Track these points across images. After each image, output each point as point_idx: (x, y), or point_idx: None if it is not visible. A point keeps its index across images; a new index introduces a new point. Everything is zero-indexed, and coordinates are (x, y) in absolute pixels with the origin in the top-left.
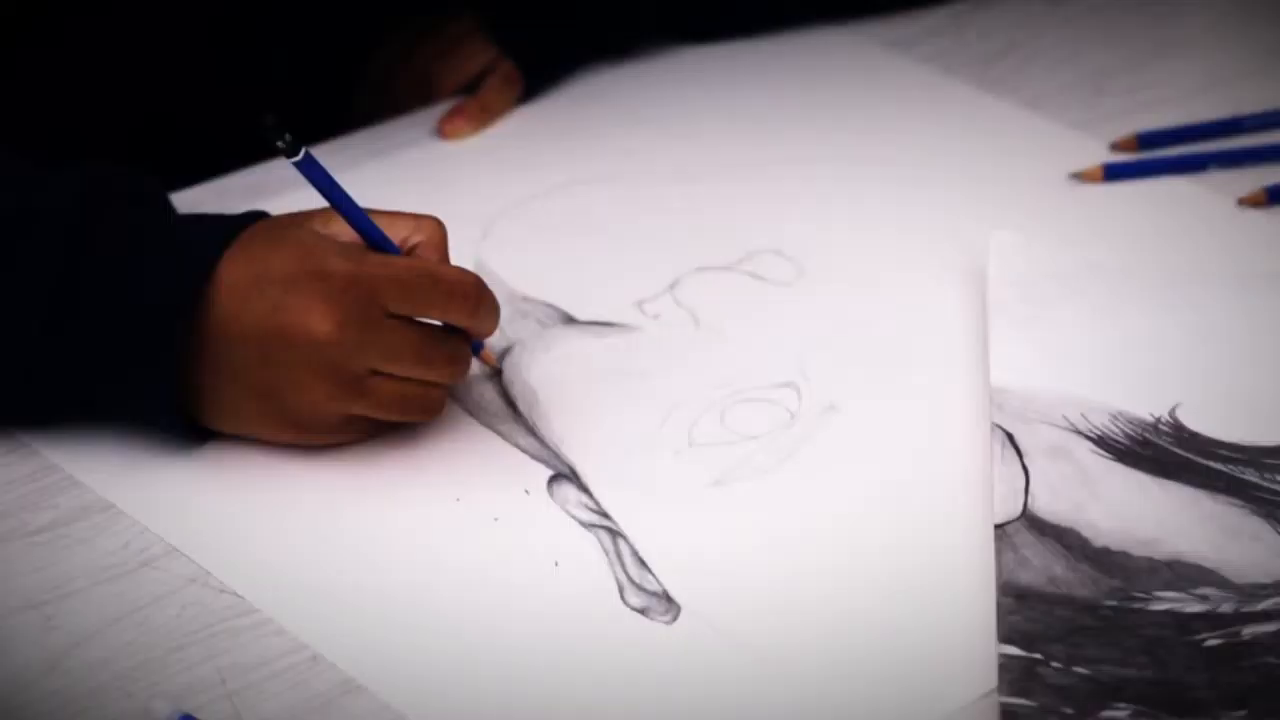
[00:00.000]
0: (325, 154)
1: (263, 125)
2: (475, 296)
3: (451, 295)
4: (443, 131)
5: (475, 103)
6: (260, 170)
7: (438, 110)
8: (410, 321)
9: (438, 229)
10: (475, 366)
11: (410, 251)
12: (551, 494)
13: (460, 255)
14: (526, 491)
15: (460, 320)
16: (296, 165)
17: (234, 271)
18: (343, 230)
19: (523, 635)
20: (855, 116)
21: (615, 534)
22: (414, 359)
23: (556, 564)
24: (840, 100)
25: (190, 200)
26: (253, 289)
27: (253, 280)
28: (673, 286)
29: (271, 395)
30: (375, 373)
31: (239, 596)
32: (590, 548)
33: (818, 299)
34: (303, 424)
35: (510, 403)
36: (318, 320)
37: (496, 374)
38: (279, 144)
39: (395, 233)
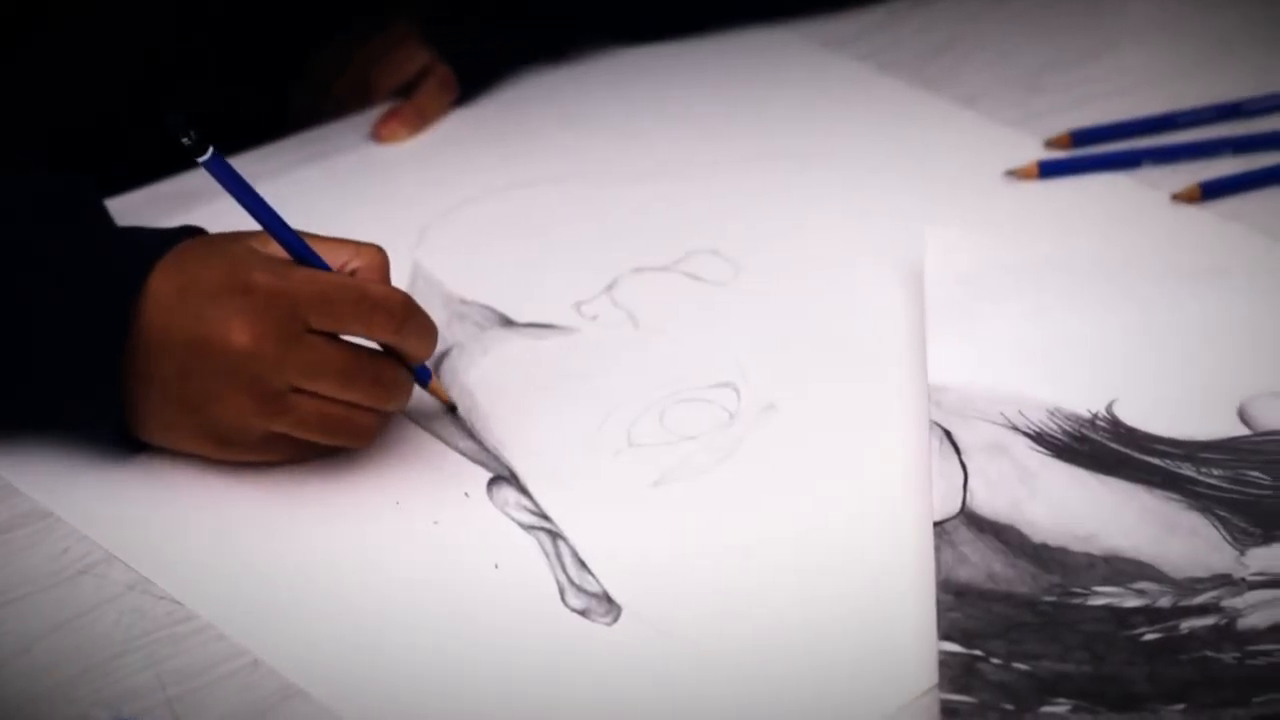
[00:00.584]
0: (261, 158)
1: (169, 122)
2: (401, 313)
3: (375, 311)
4: (378, 135)
5: (411, 106)
6: (198, 175)
7: (374, 114)
8: (335, 339)
9: (378, 255)
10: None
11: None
12: (491, 497)
13: (397, 259)
14: (466, 494)
15: (385, 337)
16: (205, 165)
17: (162, 283)
18: (280, 250)
19: (464, 638)
20: (792, 115)
21: (555, 536)
22: (336, 377)
23: (497, 566)
24: (777, 99)
25: (126, 206)
26: (178, 301)
27: (179, 292)
28: (610, 287)
29: (194, 408)
30: (297, 390)
31: (178, 603)
32: (530, 550)
33: (756, 298)
34: (224, 439)
35: (450, 407)
36: (236, 332)
37: (451, 410)
38: (184, 140)
39: (334, 259)
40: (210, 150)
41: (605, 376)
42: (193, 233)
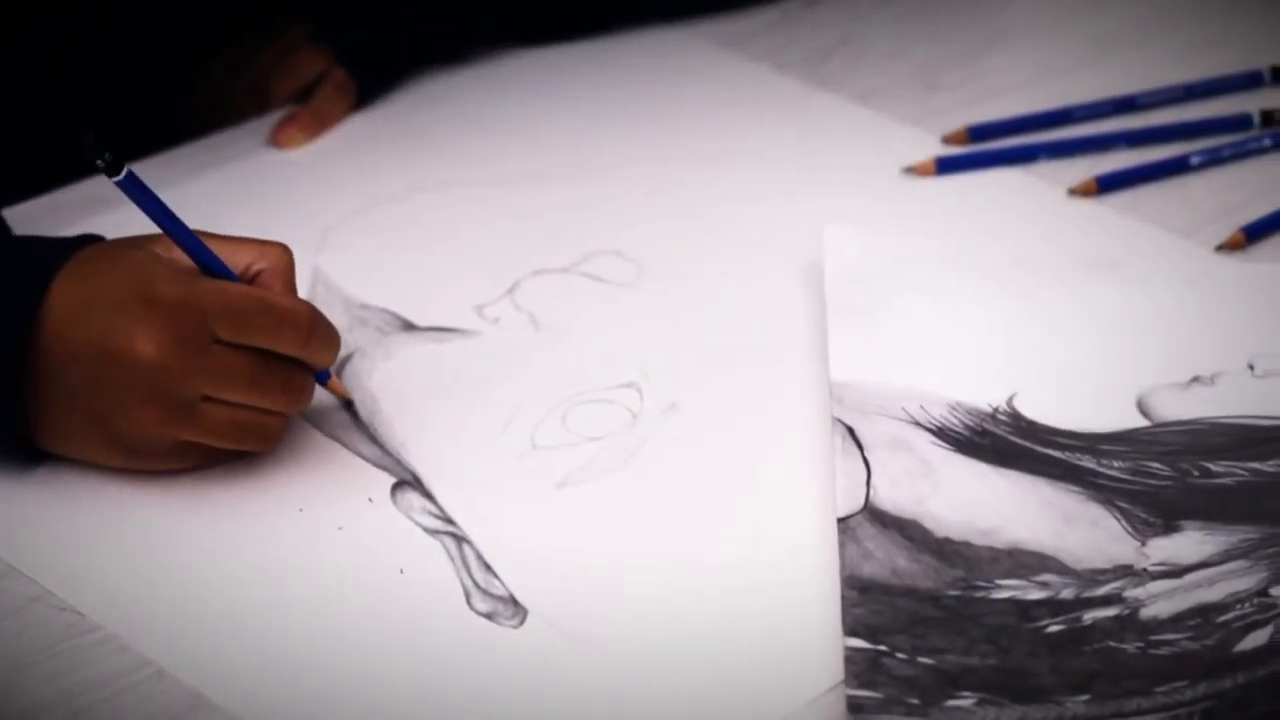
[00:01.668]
0: (158, 166)
1: (82, 143)
2: (307, 326)
3: (282, 323)
4: (275, 141)
5: (308, 111)
6: (98, 182)
7: (272, 119)
8: (242, 348)
9: (283, 255)
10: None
11: (254, 279)
12: (395, 502)
13: (298, 265)
14: (370, 500)
15: (291, 349)
16: (119, 185)
17: (66, 294)
18: (183, 256)
19: (370, 644)
20: (690, 115)
21: (460, 540)
22: (245, 385)
23: (402, 572)
24: (675, 99)
25: (24, 215)
26: (82, 312)
27: (83, 303)
28: (512, 290)
29: (101, 419)
30: (207, 399)
31: (81, 615)
32: (435, 554)
33: (657, 298)
34: (133, 449)
35: (351, 411)
36: (143, 344)
37: (348, 405)
38: (99, 163)
39: (239, 259)
40: (125, 170)
41: (508, 379)
42: (92, 240)
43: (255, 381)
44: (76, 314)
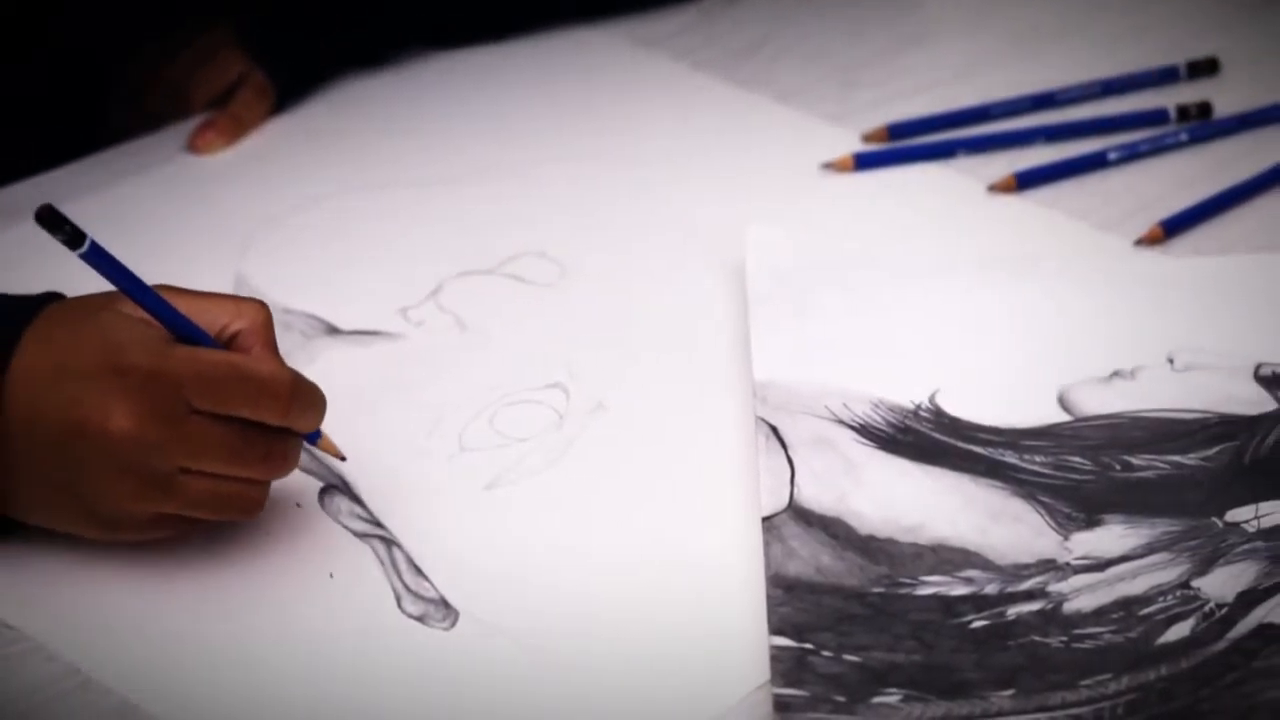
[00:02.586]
0: (76, 172)
1: (40, 217)
2: (287, 395)
3: (261, 393)
4: (194, 146)
5: (227, 115)
6: (26, 189)
7: (191, 124)
8: (219, 418)
9: (260, 313)
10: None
11: (230, 340)
12: (323, 506)
13: (220, 270)
14: (298, 505)
15: (272, 419)
16: (82, 257)
17: (31, 360)
18: (160, 328)
19: (301, 649)
20: (611, 115)
21: (389, 543)
22: (224, 457)
23: (331, 576)
24: (595, 100)
25: None
26: (50, 381)
27: (51, 372)
28: (436, 292)
29: (75, 493)
30: (185, 471)
31: (7, 625)
32: (365, 558)
33: (581, 299)
34: (111, 523)
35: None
36: (117, 418)
37: (342, 460)
38: (59, 237)
39: (214, 318)
40: (89, 241)
41: (434, 382)
42: (55, 298)
43: (235, 453)
44: (44, 383)
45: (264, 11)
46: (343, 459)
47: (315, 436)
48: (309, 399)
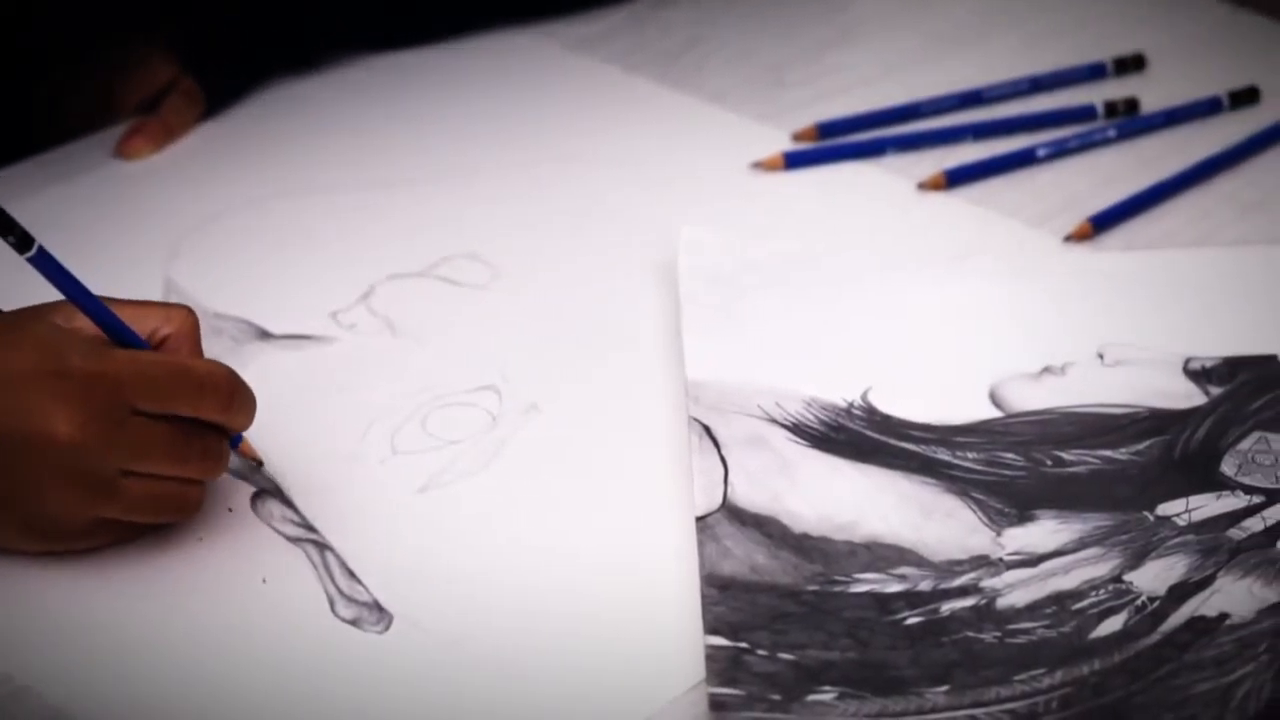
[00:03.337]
0: (3, 179)
1: None
2: (228, 391)
3: (203, 390)
4: (122, 152)
5: (155, 121)
6: None
7: (119, 130)
8: (160, 418)
9: (188, 318)
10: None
11: (160, 344)
12: (256, 511)
13: (149, 276)
14: (230, 510)
15: (213, 415)
16: (30, 261)
17: None
18: (87, 324)
19: (235, 654)
20: (542, 118)
21: (322, 547)
22: (166, 457)
23: (264, 581)
24: (526, 102)
25: None
26: None
27: None
28: (367, 295)
29: (13, 504)
30: (126, 473)
31: None
32: (298, 562)
33: (514, 301)
34: (50, 532)
35: (258, 463)
36: (59, 423)
37: (259, 466)
38: (8, 240)
39: (143, 324)
40: (36, 245)
41: (366, 385)
42: None
43: (176, 452)
44: None
45: (193, 16)
46: (259, 464)
47: (236, 440)
48: (247, 396)
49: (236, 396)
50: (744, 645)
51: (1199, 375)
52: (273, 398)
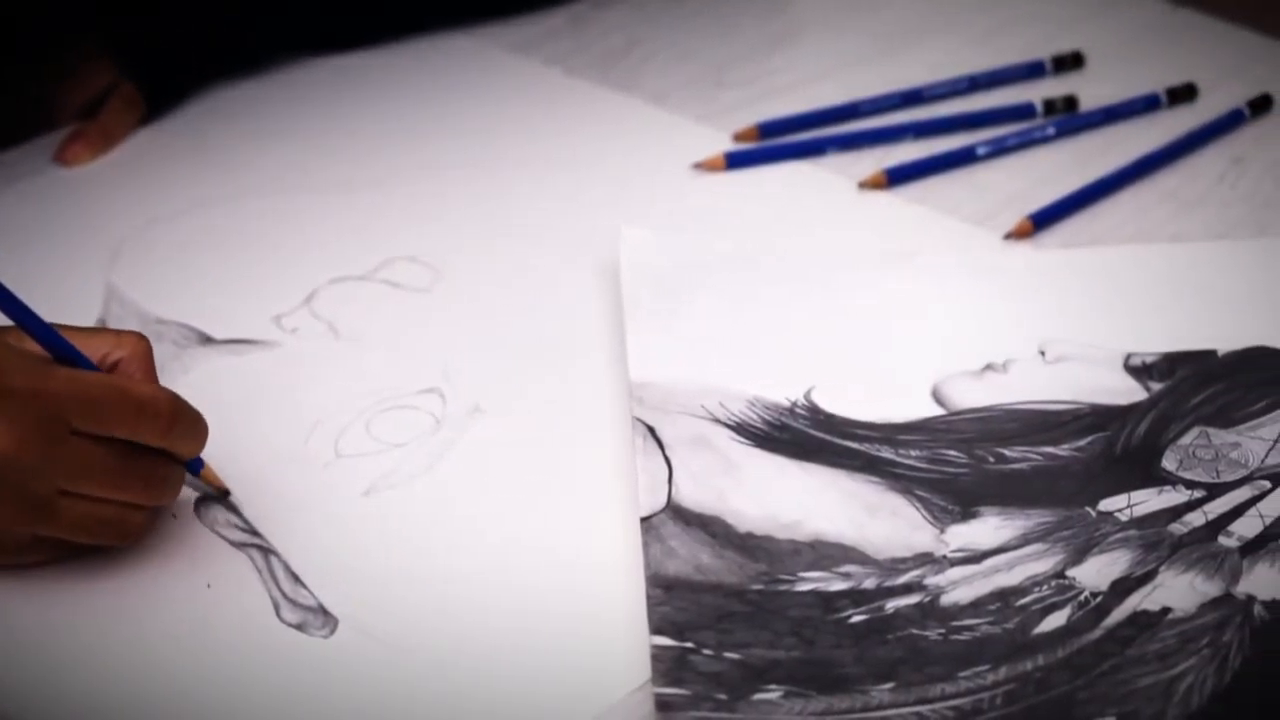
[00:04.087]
0: None
1: None
2: (168, 414)
3: (142, 412)
4: (62, 158)
5: (95, 127)
6: None
7: (58, 136)
8: (101, 439)
9: (140, 344)
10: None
11: (112, 368)
12: (199, 516)
13: (90, 282)
14: (174, 515)
15: (152, 439)
16: None
17: None
18: (37, 346)
19: (179, 660)
20: (483, 120)
21: (267, 551)
22: (104, 478)
23: (209, 586)
24: (467, 105)
25: None
26: None
27: None
28: (309, 299)
29: None
30: (65, 493)
31: None
32: (242, 567)
33: (456, 303)
34: None
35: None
36: None
37: (225, 495)
38: None
39: (94, 350)
40: None
41: (309, 389)
42: None
43: (115, 475)
44: None
45: (132, 21)
46: (225, 493)
47: (198, 466)
48: (190, 421)
49: (178, 422)
50: (689, 645)
51: (1139, 371)
52: (215, 403)
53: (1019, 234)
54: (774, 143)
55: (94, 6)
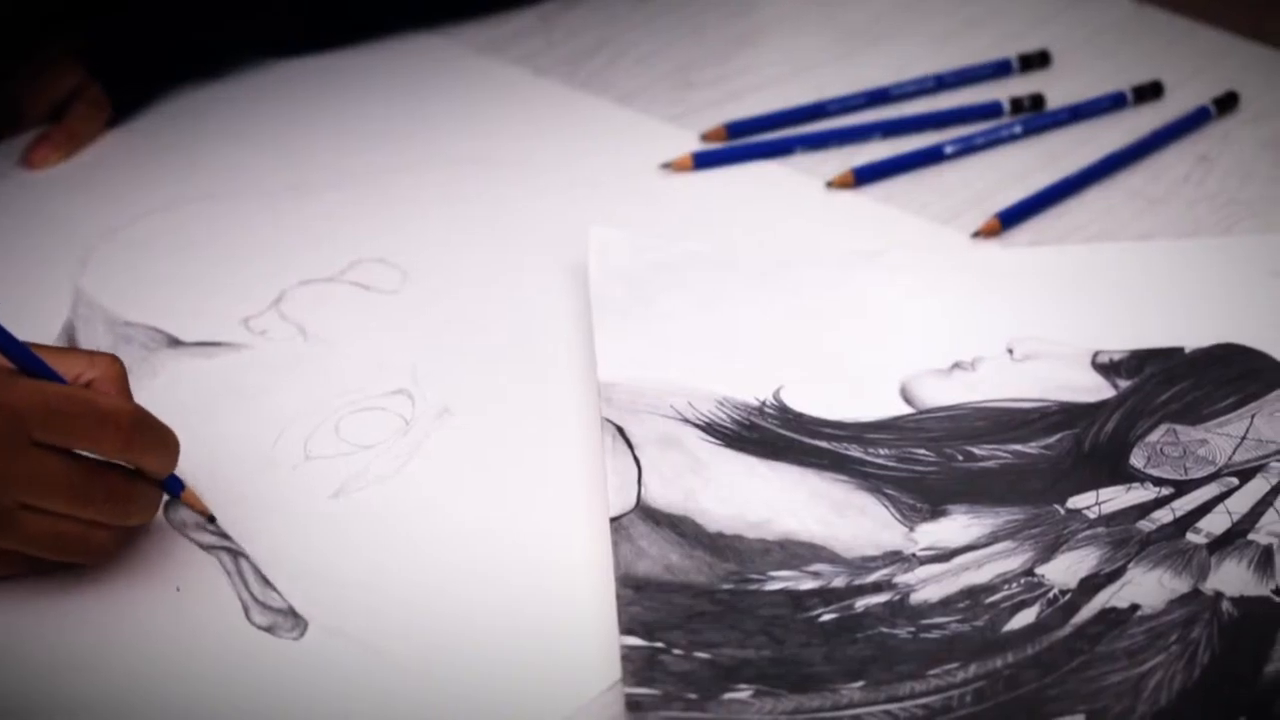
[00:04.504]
0: None
1: None
2: (129, 427)
3: (103, 424)
4: (29, 162)
5: (62, 130)
6: None
7: (25, 139)
8: (65, 453)
9: (113, 365)
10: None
11: (85, 387)
12: (168, 519)
13: (58, 285)
14: None
15: (112, 453)
16: None
17: None
18: (5, 361)
19: (150, 664)
20: (451, 121)
21: (236, 554)
22: (66, 493)
23: (179, 589)
24: (435, 106)
25: None
26: None
27: None
28: (278, 301)
29: None
30: (26, 506)
31: None
32: (212, 570)
33: (424, 304)
34: None
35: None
36: None
37: (211, 520)
38: None
39: (66, 370)
40: None
41: (278, 391)
42: None
43: (76, 490)
44: None
45: (99, 24)
46: (210, 518)
47: (178, 488)
48: (154, 435)
49: (140, 434)
50: (659, 645)
51: (1107, 369)
52: (184, 405)
53: (987, 232)
54: (742, 143)
55: (60, 9)
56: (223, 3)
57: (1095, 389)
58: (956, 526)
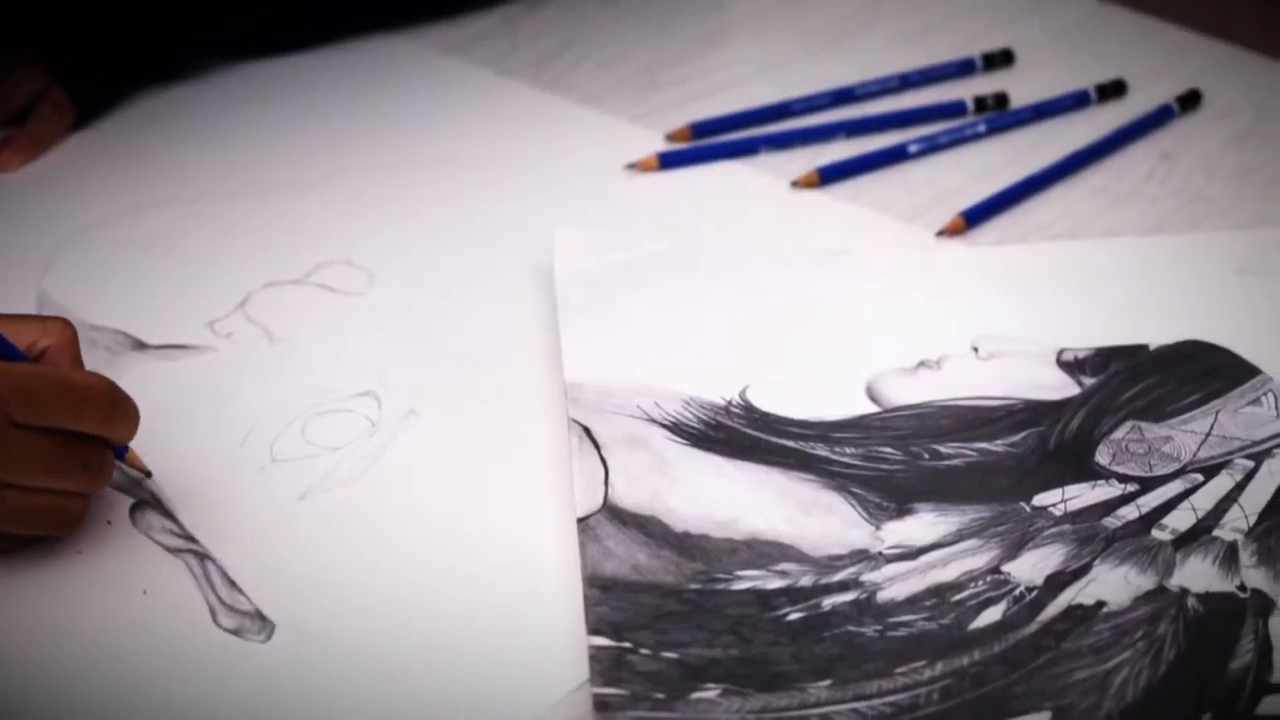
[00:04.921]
0: None
1: None
2: (108, 402)
3: (82, 402)
4: None
5: (25, 134)
6: None
7: None
8: (40, 430)
9: (65, 330)
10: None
11: (38, 357)
12: (135, 522)
13: (22, 289)
14: (109, 522)
15: (93, 428)
16: None
17: None
18: None
19: (116, 667)
20: (417, 122)
21: (203, 557)
22: (45, 469)
23: (145, 593)
24: (401, 107)
25: None
26: None
27: None
28: (243, 304)
29: None
30: (5, 485)
31: None
32: (179, 573)
33: (390, 306)
34: None
35: (146, 473)
36: None
37: (147, 476)
38: None
39: (20, 337)
40: None
41: (244, 393)
42: None
43: (56, 465)
44: None
45: (61, 27)
46: (148, 474)
47: (122, 452)
48: (127, 406)
49: (117, 408)
50: (627, 645)
51: (1072, 366)
52: (150, 408)
53: (951, 231)
54: (707, 142)
55: (23, 13)
56: (185, 6)
57: (1060, 386)
58: (923, 525)
